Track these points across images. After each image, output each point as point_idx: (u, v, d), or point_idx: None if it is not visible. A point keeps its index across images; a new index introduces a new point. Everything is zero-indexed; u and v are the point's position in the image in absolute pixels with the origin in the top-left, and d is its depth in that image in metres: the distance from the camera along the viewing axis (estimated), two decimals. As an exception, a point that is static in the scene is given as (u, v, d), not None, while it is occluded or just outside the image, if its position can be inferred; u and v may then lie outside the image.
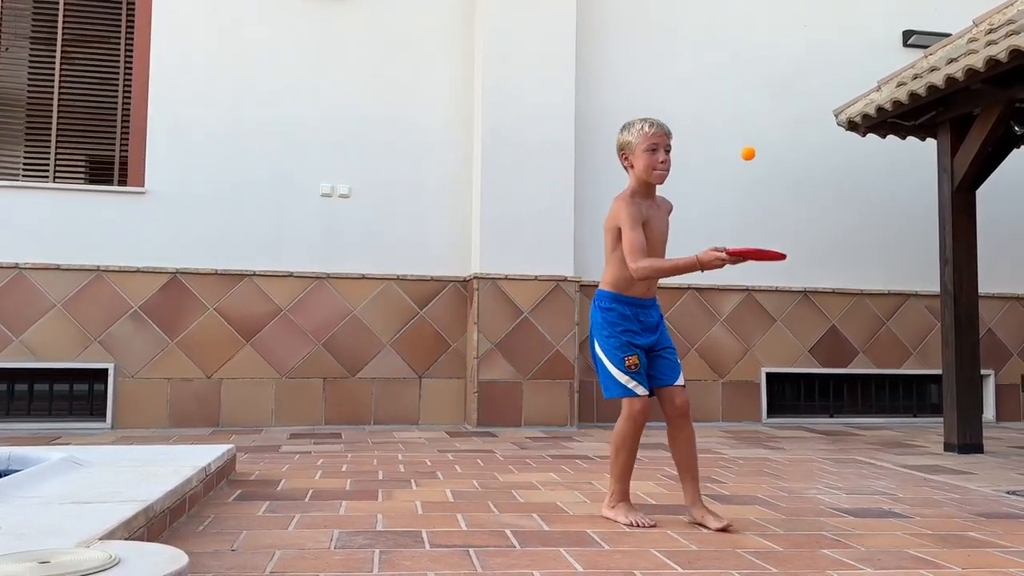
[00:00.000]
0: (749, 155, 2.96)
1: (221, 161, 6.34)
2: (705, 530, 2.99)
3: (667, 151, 3.08)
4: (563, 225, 6.43)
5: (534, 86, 6.47)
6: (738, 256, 2.83)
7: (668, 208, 3.26)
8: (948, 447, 5.36)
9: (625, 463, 3.16)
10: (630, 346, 3.06)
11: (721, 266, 2.88)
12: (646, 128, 3.09)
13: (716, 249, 2.88)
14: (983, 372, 6.95)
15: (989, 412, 7.32)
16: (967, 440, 5.29)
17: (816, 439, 5.94)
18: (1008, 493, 3.87)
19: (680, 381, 3.11)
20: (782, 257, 2.83)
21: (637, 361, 3.05)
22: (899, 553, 2.71)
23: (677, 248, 7.19)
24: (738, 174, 7.09)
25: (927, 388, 7.42)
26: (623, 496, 3.14)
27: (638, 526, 2.98)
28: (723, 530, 2.92)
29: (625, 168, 3.20)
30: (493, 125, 6.41)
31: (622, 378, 3.05)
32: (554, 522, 3.08)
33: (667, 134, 3.10)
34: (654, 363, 3.11)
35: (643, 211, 3.12)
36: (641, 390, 3.07)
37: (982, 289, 6.22)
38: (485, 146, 6.40)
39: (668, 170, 3.10)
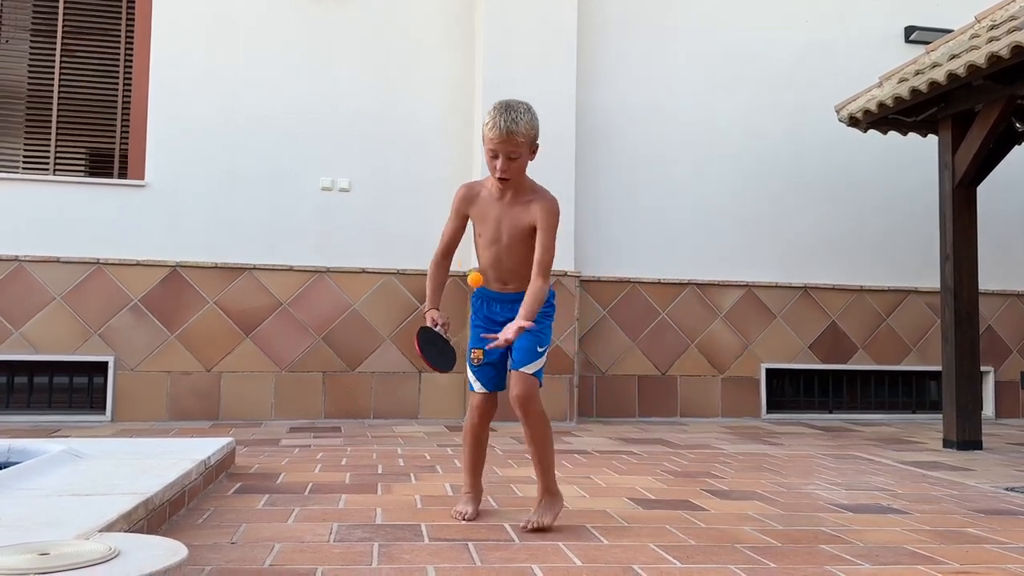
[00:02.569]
0: (476, 283, 2.88)
1: (221, 154, 6.33)
2: (704, 525, 2.99)
3: (511, 158, 2.76)
4: (563, 220, 6.37)
5: (534, 80, 6.44)
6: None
7: (538, 208, 2.85)
8: (947, 443, 5.37)
9: (468, 456, 3.07)
10: (477, 339, 2.91)
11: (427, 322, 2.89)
12: (487, 131, 2.75)
13: (432, 316, 2.89)
14: (983, 369, 6.95)
15: (988, 409, 7.32)
16: (966, 437, 5.30)
17: (815, 435, 5.95)
18: (1007, 490, 3.88)
19: (523, 368, 2.81)
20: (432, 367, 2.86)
21: (480, 356, 2.89)
22: (897, 549, 2.72)
23: (678, 244, 7.21)
24: (738, 169, 7.08)
25: (926, 384, 7.42)
26: (468, 488, 3.08)
27: (457, 516, 2.98)
28: (536, 530, 2.80)
29: None
30: (494, 119, 6.39)
31: (469, 371, 2.96)
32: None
33: (508, 139, 2.72)
34: (515, 350, 2.87)
35: (476, 205, 2.93)
36: (478, 386, 2.93)
37: (982, 286, 6.22)
38: (486, 140, 6.38)
39: (514, 175, 2.81)
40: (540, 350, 2.85)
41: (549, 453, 2.94)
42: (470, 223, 2.99)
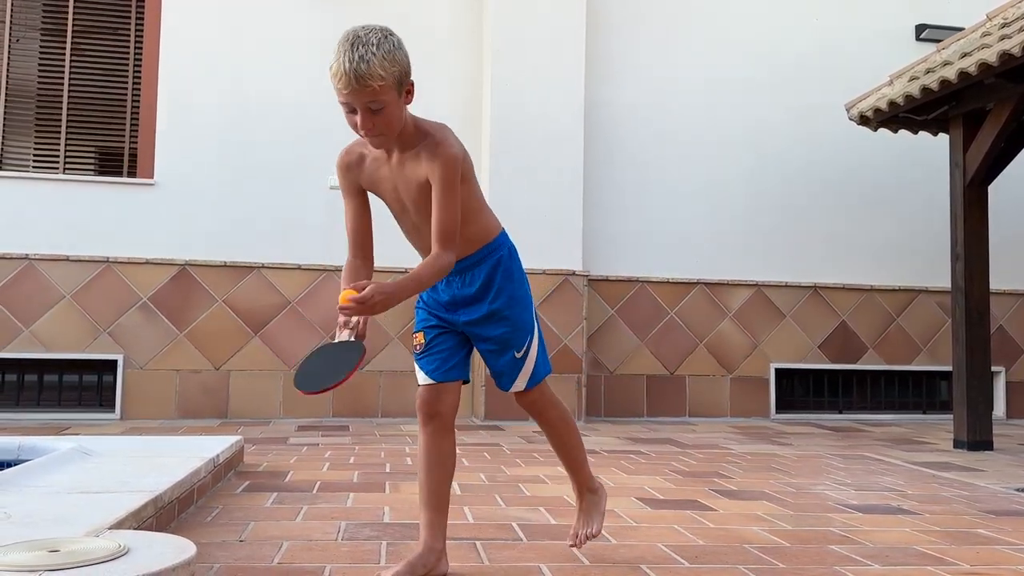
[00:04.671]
0: (345, 301, 1.97)
1: (230, 154, 6.34)
2: (712, 525, 2.98)
3: (373, 110, 2.04)
4: (571, 219, 6.41)
5: (542, 80, 6.44)
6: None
7: (426, 159, 2.16)
8: (958, 444, 5.34)
9: (422, 482, 2.26)
10: (420, 322, 2.33)
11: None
12: (331, 78, 2.05)
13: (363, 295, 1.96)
14: (993, 369, 6.90)
15: (999, 409, 7.28)
16: (977, 437, 5.27)
17: (825, 435, 5.92)
18: (1018, 490, 3.85)
19: (513, 386, 2.35)
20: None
21: (422, 340, 2.29)
22: (907, 550, 2.70)
23: (687, 243, 7.19)
24: (747, 168, 7.06)
25: (937, 385, 7.38)
26: (424, 533, 2.22)
27: None
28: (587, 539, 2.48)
29: None
30: (501, 118, 6.39)
31: (415, 363, 2.32)
32: (561, 515, 3.07)
33: (360, 87, 1.99)
34: (483, 355, 2.34)
35: (363, 171, 2.27)
36: (422, 376, 2.27)
37: (993, 285, 6.18)
38: (493, 140, 6.39)
39: (385, 130, 2.09)
40: (518, 355, 2.30)
41: (577, 449, 2.51)
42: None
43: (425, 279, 2.10)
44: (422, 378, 2.28)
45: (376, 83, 2.00)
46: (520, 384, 2.34)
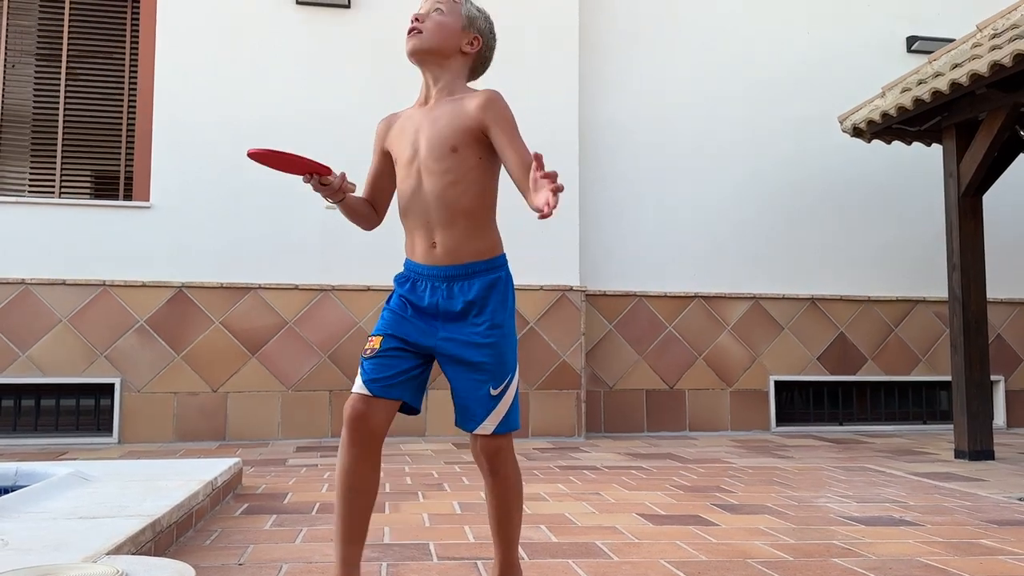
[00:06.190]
0: None
1: (225, 175, 6.35)
2: (714, 540, 2.97)
3: (437, 9, 2.09)
4: (568, 235, 6.42)
5: (536, 94, 6.47)
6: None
7: (479, 100, 2.05)
8: (958, 454, 5.32)
9: (339, 511, 1.98)
10: (383, 325, 2.03)
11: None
12: None
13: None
14: (992, 378, 6.90)
15: (999, 418, 7.27)
16: (978, 447, 5.26)
17: (825, 447, 5.91)
18: (1020, 500, 3.84)
19: (481, 427, 2.00)
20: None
21: (376, 345, 1.99)
22: (910, 561, 2.69)
23: (683, 256, 7.21)
24: (742, 181, 7.08)
25: (936, 395, 7.37)
26: (337, 570, 1.99)
27: None
28: None
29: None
30: (497, 136, 6.41)
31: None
32: (562, 533, 3.05)
33: None
34: (453, 382, 2.03)
35: (394, 129, 2.16)
36: (359, 384, 1.97)
37: (990, 294, 6.20)
38: (489, 157, 6.40)
39: (431, 34, 2.07)
40: (494, 392, 1.99)
41: (517, 523, 2.15)
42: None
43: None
44: (358, 385, 1.97)
45: None
46: (489, 426, 1.99)
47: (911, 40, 7.41)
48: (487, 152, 2.03)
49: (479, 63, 2.19)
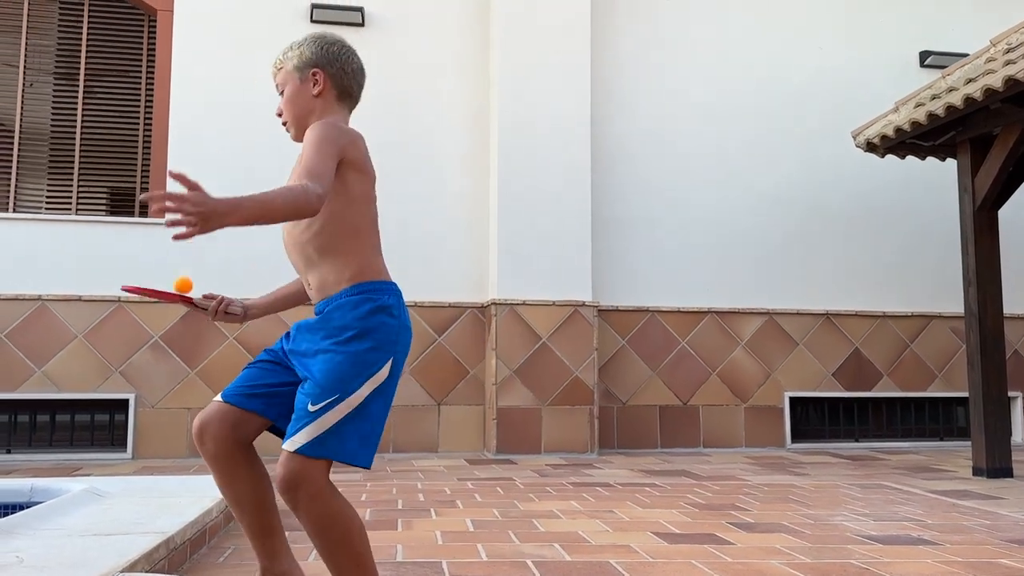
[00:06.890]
0: (183, 288, 2.15)
1: (239, 190, 6.36)
2: (730, 559, 2.94)
3: (280, 93, 2.18)
4: (580, 250, 6.42)
5: (549, 110, 6.49)
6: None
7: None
8: (977, 471, 5.26)
9: (239, 520, 2.04)
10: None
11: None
12: None
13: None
14: (1010, 394, 6.84)
15: (1018, 435, 7.19)
16: (996, 464, 5.20)
17: (841, 464, 5.85)
18: (1040, 518, 3.79)
19: (288, 442, 1.87)
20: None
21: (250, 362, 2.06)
22: (930, 582, 2.65)
23: (696, 271, 7.18)
24: (756, 196, 7.06)
25: (953, 411, 7.30)
26: (258, 557, 2.06)
27: None
28: None
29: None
30: (508, 152, 6.43)
31: None
32: (576, 552, 3.03)
33: (275, 70, 2.18)
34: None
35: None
36: (215, 396, 1.94)
37: (1007, 310, 6.15)
38: (501, 172, 6.42)
39: (288, 116, 2.18)
40: (312, 409, 1.83)
41: (346, 562, 1.89)
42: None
43: (276, 203, 1.70)
44: (217, 395, 1.98)
45: (279, 66, 2.14)
46: (298, 440, 1.82)
47: (924, 55, 7.40)
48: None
49: (340, 91, 2.13)
